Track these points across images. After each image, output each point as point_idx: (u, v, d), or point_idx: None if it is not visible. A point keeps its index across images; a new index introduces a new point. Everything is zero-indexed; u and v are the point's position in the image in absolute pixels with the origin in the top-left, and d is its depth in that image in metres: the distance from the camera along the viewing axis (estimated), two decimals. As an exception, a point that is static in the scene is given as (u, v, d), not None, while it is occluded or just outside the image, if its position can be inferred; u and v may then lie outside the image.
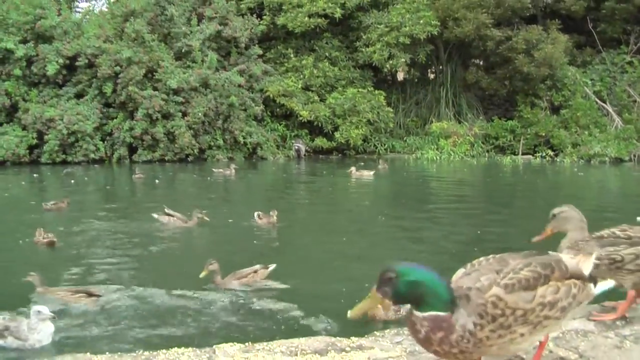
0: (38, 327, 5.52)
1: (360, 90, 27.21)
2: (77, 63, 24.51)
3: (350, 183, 18.88)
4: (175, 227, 11.08)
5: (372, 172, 19.97)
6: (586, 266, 2.46)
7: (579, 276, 2.41)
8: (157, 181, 19.32)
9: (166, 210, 11.34)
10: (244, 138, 25.81)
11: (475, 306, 2.20)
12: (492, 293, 2.21)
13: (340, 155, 27.66)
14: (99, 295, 6.82)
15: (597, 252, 2.67)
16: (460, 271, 2.38)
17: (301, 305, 6.71)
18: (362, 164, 23.62)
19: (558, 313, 2.31)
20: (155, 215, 11.34)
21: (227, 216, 12.13)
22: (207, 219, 11.13)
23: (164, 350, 2.97)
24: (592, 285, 2.48)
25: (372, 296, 2.27)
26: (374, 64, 27.64)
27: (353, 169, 20.08)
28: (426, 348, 2.28)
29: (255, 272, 7.44)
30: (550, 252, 2.44)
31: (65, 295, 6.80)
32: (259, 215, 10.79)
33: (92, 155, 23.76)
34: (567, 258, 2.44)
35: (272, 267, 7.62)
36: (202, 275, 7.16)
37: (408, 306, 2.28)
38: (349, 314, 2.30)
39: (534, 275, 2.28)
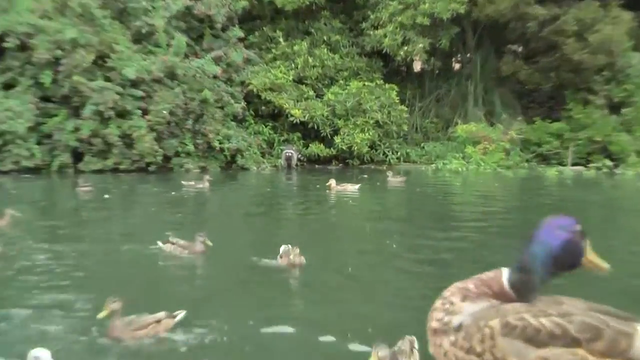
0: None
1: (366, 83, 27.41)
2: (5, 44, 24.10)
3: (346, 200, 18.67)
4: (175, 256, 11.10)
5: (357, 186, 20.20)
6: None
7: None
8: (106, 196, 18.81)
9: (170, 238, 11.48)
10: (220, 143, 25.97)
11: (473, 324, 2.29)
12: (491, 324, 2.26)
13: (341, 165, 28.44)
14: None
15: None
16: None
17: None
18: (366, 176, 24.03)
19: None
20: (159, 243, 11.48)
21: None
22: (210, 243, 11.12)
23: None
24: None
25: None
26: (384, 51, 28.44)
27: (332, 182, 20.03)
28: None
29: (159, 322, 7.03)
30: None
31: None
32: (281, 256, 10.74)
33: (24, 163, 23.58)
34: None
35: (180, 315, 7.23)
36: (101, 315, 6.84)
37: None
38: None
39: (555, 331, 2.22)
